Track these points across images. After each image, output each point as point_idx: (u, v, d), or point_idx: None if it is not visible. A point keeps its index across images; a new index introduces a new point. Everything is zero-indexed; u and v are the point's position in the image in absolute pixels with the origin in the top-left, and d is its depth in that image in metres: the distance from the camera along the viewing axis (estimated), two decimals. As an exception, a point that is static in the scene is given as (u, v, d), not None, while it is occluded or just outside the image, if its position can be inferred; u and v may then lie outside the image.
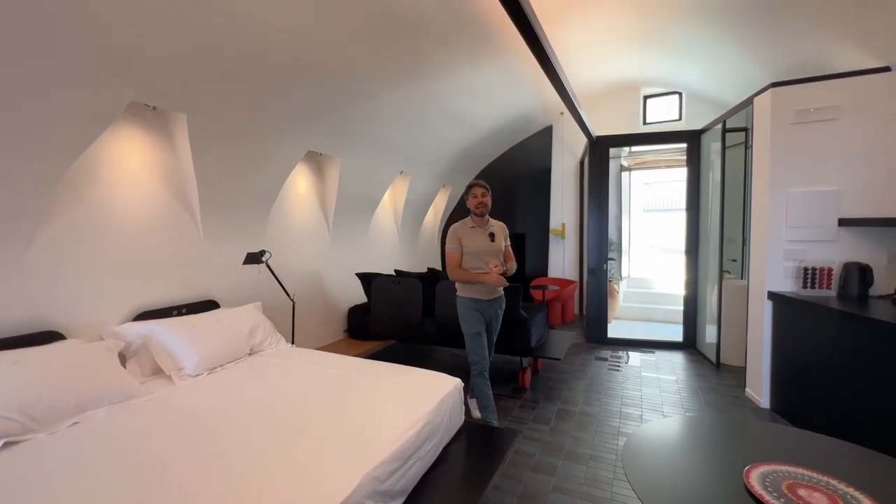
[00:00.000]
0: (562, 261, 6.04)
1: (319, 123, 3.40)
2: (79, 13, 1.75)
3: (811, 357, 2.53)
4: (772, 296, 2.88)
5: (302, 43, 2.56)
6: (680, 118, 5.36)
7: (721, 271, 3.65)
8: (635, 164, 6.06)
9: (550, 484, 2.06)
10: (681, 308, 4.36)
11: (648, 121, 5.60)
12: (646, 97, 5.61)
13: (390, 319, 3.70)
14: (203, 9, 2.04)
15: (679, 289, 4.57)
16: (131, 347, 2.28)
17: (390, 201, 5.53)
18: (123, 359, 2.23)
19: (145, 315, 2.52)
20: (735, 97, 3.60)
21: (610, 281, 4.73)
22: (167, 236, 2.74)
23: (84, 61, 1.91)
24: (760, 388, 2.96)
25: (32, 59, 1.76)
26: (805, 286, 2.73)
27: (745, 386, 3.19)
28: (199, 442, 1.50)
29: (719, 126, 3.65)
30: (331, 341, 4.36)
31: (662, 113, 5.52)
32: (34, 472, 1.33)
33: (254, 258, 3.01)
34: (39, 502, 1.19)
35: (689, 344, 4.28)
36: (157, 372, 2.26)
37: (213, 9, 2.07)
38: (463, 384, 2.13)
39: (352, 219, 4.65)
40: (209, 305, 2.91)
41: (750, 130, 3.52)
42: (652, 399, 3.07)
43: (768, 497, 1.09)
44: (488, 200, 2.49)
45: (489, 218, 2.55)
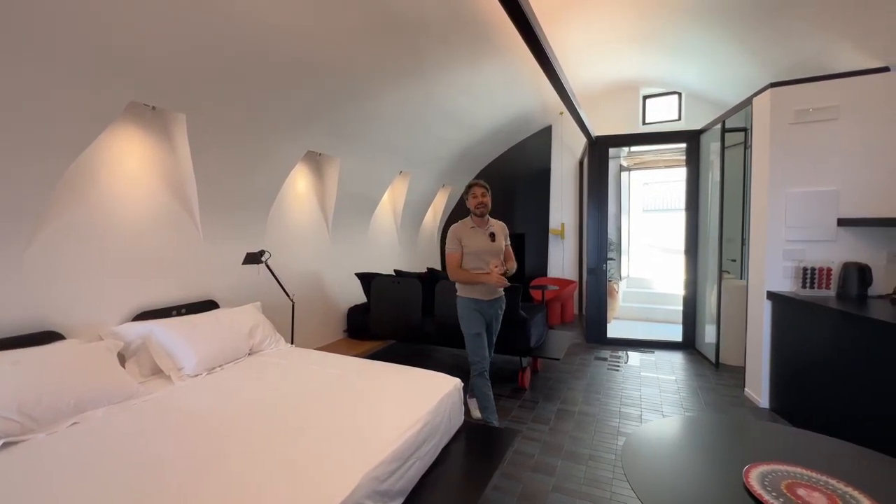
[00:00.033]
0: (561, 261, 6.05)
1: (319, 123, 3.40)
2: (79, 13, 1.75)
3: (810, 357, 2.53)
4: (771, 296, 2.88)
5: (302, 43, 2.56)
6: (679, 118, 5.37)
7: (720, 271, 3.65)
8: (635, 164, 6.06)
9: (550, 484, 2.07)
10: (680, 308, 4.36)
11: (648, 121, 5.60)
12: (645, 97, 5.61)
13: (390, 319, 3.70)
14: (203, 9, 2.04)
15: (678, 289, 4.58)
16: (130, 347, 2.28)
17: (390, 201, 5.53)
18: (123, 359, 2.23)
19: (144, 315, 2.52)
20: (734, 97, 3.60)
21: (609, 281, 4.73)
22: (166, 236, 2.74)
23: (84, 61, 1.91)
24: (760, 388, 2.97)
25: (32, 59, 1.76)
26: (804, 286, 2.74)
27: (745, 386, 3.20)
28: (199, 442, 1.50)
29: (718, 126, 3.65)
30: (330, 341, 4.36)
31: (662, 113, 5.52)
32: (33, 473, 1.33)
33: (253, 258, 3.01)
34: (39, 502, 1.19)
35: (689, 344, 4.28)
36: (157, 372, 2.26)
37: (213, 9, 2.07)
38: (462, 384, 2.13)
39: (351, 219, 4.65)
40: (208, 305, 2.92)
41: (749, 130, 3.52)
42: (651, 399, 3.07)
43: (767, 497, 1.10)
44: (488, 200, 2.49)
45: (489, 218, 2.55)
